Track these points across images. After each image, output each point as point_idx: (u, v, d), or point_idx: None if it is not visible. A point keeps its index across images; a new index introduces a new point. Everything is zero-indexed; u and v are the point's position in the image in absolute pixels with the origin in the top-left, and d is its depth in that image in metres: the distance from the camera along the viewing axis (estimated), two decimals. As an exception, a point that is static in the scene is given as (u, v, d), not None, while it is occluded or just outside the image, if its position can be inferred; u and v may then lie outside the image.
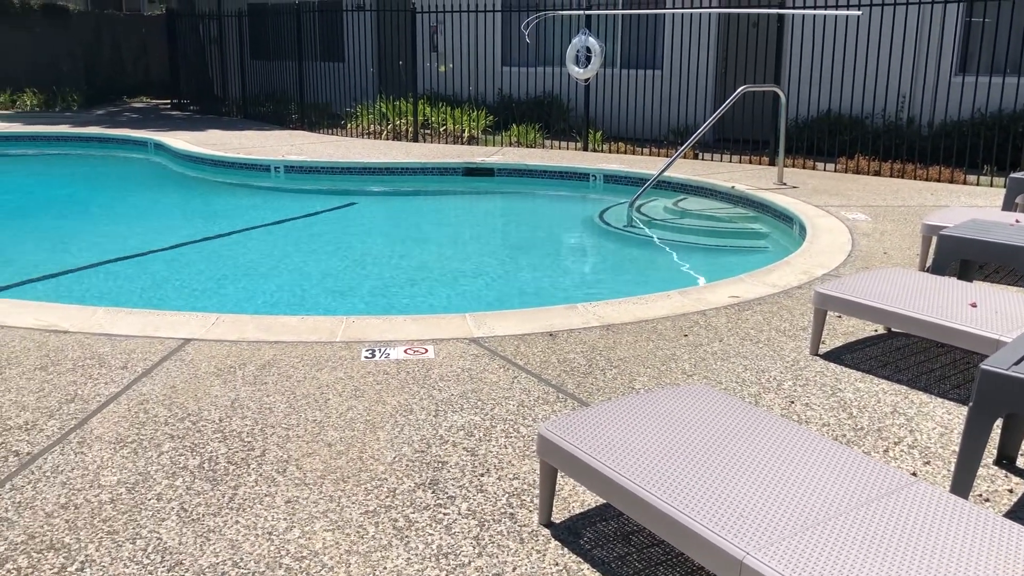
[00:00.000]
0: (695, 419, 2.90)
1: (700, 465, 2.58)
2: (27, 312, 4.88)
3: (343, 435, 3.53)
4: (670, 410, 2.96)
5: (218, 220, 9.41)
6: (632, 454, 2.67)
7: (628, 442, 2.74)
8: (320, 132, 15.05)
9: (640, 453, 2.67)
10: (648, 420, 2.88)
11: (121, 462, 3.28)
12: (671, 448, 2.69)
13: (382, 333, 4.67)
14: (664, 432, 2.79)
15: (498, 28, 15.67)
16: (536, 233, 8.90)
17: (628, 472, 2.57)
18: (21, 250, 7.90)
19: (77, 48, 20.64)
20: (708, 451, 2.66)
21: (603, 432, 2.81)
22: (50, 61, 20.03)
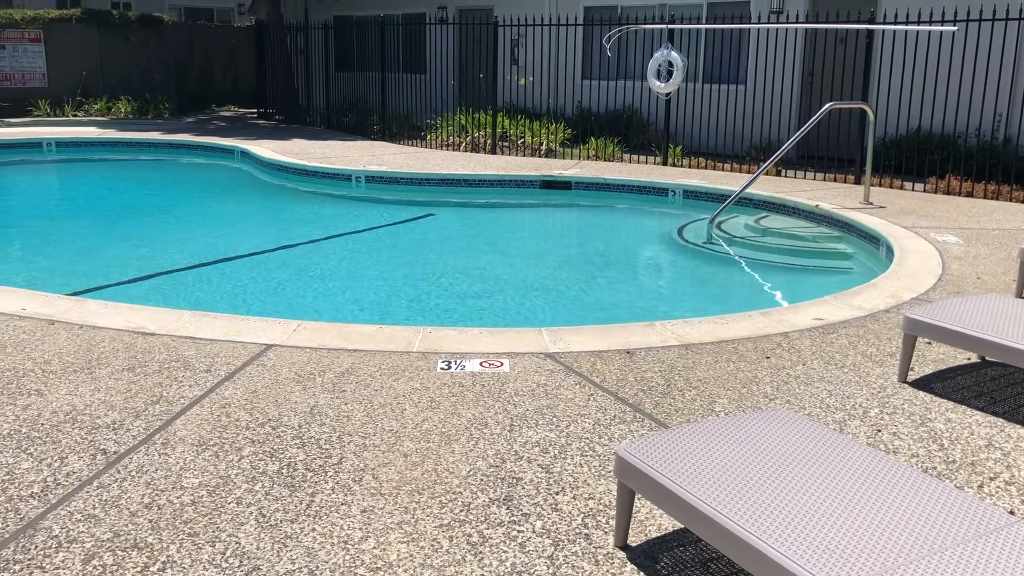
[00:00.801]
0: (779, 446, 2.81)
1: (785, 494, 2.50)
2: (117, 314, 5.04)
3: (419, 446, 3.53)
4: (753, 435, 2.88)
5: (300, 228, 9.60)
6: (714, 480, 2.60)
7: (709, 467, 2.67)
8: (400, 143, 15.25)
9: (722, 479, 2.60)
10: (730, 445, 2.81)
11: (203, 465, 3.34)
12: (754, 475, 2.61)
13: (458, 345, 4.67)
14: (747, 458, 2.72)
15: (579, 41, 15.66)
16: (613, 248, 8.83)
17: (709, 498, 2.50)
18: (113, 252, 8.17)
19: (170, 58, 21.36)
20: (793, 480, 2.58)
21: (684, 456, 2.74)
22: (144, 70, 20.77)
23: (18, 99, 18.87)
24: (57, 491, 3.12)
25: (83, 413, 3.76)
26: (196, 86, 22.11)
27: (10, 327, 4.82)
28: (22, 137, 14.65)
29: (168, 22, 21.72)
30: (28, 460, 3.33)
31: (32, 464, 3.30)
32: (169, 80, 21.22)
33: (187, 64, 21.98)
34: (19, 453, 3.39)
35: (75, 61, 19.76)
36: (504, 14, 15.83)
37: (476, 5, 17.78)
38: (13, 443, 3.47)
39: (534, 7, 16.47)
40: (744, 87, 13.60)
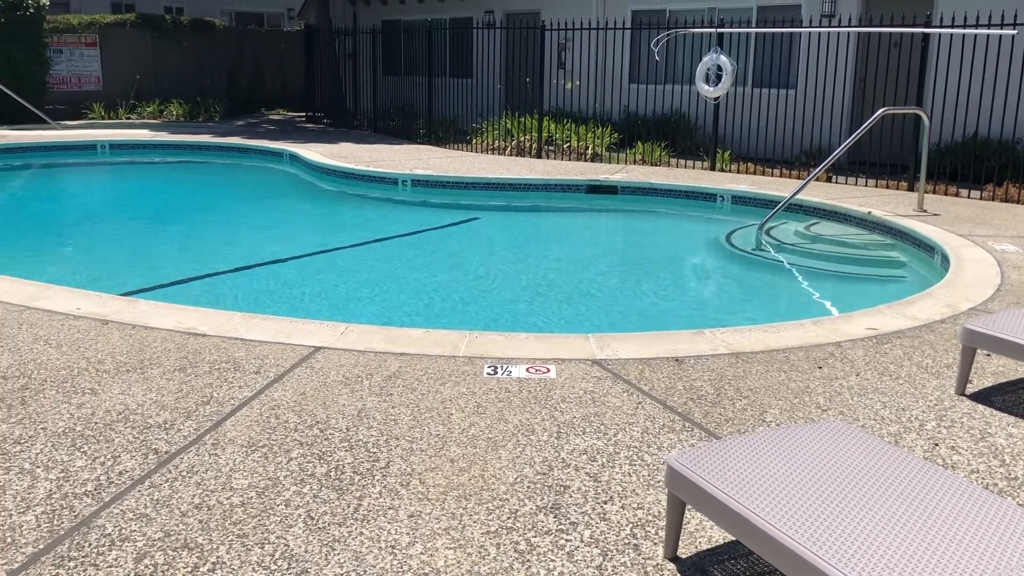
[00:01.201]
0: (834, 458, 2.75)
1: (841, 508, 2.43)
2: (169, 314, 5.10)
3: (465, 452, 3.52)
4: (807, 447, 2.82)
5: (347, 231, 9.67)
6: (767, 492, 2.54)
7: (763, 479, 2.62)
8: (446, 147, 15.30)
9: (776, 491, 2.54)
10: (784, 457, 2.75)
11: (252, 466, 3.36)
12: (809, 488, 2.55)
13: (504, 350, 4.66)
14: (801, 471, 2.65)
15: (626, 45, 15.59)
16: (660, 253, 8.76)
17: (763, 511, 2.45)
18: (164, 253, 8.31)
19: (221, 62, 21.71)
20: (849, 494, 2.51)
21: (736, 467, 2.69)
22: (196, 74, 21.12)
23: (74, 102, 19.31)
24: (110, 489, 3.16)
25: (135, 412, 3.81)
26: (246, 90, 22.42)
27: (65, 326, 4.92)
28: (78, 139, 14.98)
29: (219, 27, 22.07)
30: (82, 458, 3.38)
31: (86, 462, 3.35)
32: (220, 84, 21.55)
33: (237, 68, 22.31)
34: (74, 451, 3.44)
35: (129, 65, 20.17)
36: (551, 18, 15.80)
37: (523, 9, 17.79)
38: (68, 441, 3.52)
39: (581, 11, 16.43)
40: (794, 92, 13.42)
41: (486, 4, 18.50)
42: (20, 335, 4.76)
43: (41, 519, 2.96)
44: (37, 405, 3.87)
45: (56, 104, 18.69)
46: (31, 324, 4.94)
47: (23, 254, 8.22)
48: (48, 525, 2.92)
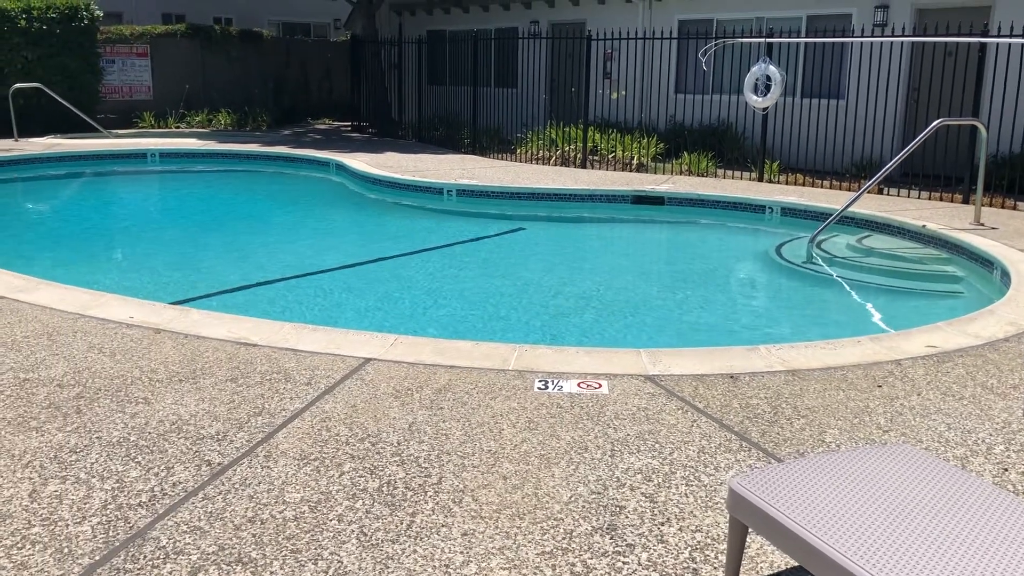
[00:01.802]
0: (903, 484, 2.64)
1: (912, 537, 2.34)
2: (220, 324, 5.13)
3: (518, 468, 3.47)
4: (875, 472, 2.72)
5: (393, 241, 9.69)
6: (835, 518, 2.45)
7: (830, 504, 2.53)
8: (490, 157, 15.31)
9: (844, 518, 2.45)
10: (852, 482, 2.65)
11: (304, 479, 3.34)
12: (879, 515, 2.46)
13: (554, 364, 4.60)
14: (870, 496, 2.56)
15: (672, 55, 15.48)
16: (709, 266, 8.64)
17: (831, 538, 2.36)
18: (213, 261, 8.39)
19: (268, 72, 21.98)
20: (920, 521, 2.42)
21: (801, 491, 2.60)
22: (244, 83, 21.41)
23: (125, 111, 19.67)
24: (164, 501, 3.16)
25: (188, 423, 3.82)
26: (292, 99, 22.67)
27: (119, 335, 4.96)
28: (129, 148, 15.24)
29: (267, 37, 22.36)
30: (136, 469, 3.39)
31: (140, 473, 3.36)
32: (267, 93, 21.82)
33: (284, 78, 22.56)
34: (128, 461, 3.45)
35: (179, 75, 20.50)
36: (597, 28, 15.76)
37: (568, 19, 17.77)
38: (122, 451, 3.54)
39: (627, 21, 16.36)
40: (844, 102, 13.21)
41: (531, 14, 18.51)
42: (75, 343, 4.81)
43: (97, 530, 2.96)
44: (92, 414, 3.89)
45: (108, 113, 19.05)
46: (85, 332, 4.99)
47: (76, 261, 8.35)
48: (104, 536, 2.92)
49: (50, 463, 3.42)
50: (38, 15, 17.23)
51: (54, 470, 3.37)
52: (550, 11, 18.17)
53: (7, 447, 3.55)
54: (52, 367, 4.45)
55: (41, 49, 17.30)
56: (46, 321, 5.18)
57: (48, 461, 3.44)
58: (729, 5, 15.09)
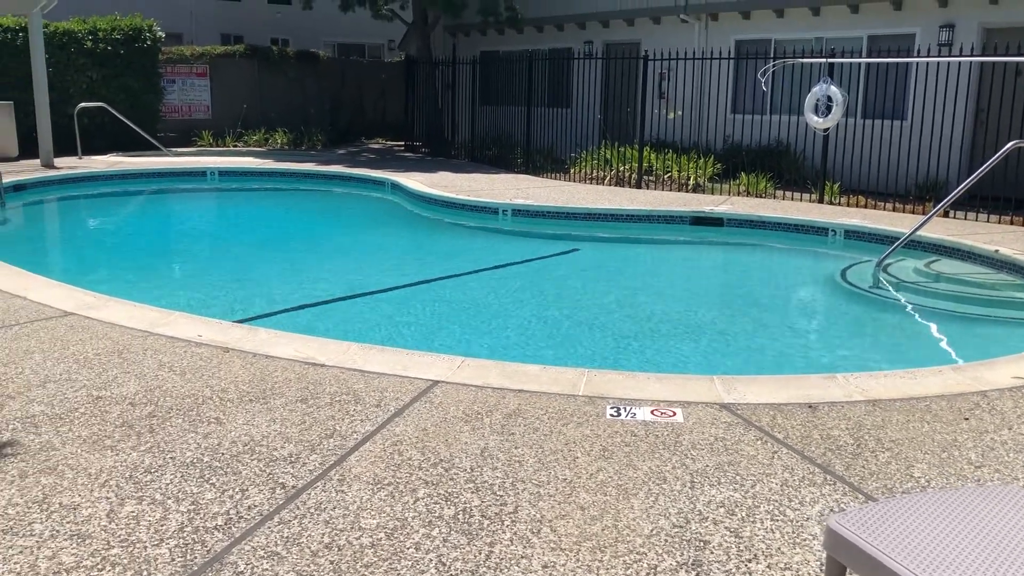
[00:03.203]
0: (1014, 528, 2.50)
1: (1034, 588, 2.20)
2: (288, 343, 5.13)
3: (595, 499, 3.38)
4: (984, 513, 2.58)
5: (449, 260, 9.67)
6: (943, 564, 2.32)
7: (937, 549, 2.40)
8: (543, 176, 15.28)
9: (953, 564, 2.32)
10: (957, 524, 2.52)
11: (379, 505, 3.29)
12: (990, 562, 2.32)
13: (625, 390, 4.51)
14: (980, 540, 2.42)
15: (728, 75, 15.34)
16: (772, 290, 8.48)
17: (944, 586, 2.23)
18: (274, 279, 8.44)
19: (324, 92, 22.28)
20: (1041, 571, 2.28)
21: (905, 533, 2.48)
22: (300, 103, 21.72)
23: (184, 130, 20.05)
24: (240, 524, 3.13)
25: (260, 444, 3.80)
26: (347, 119, 22.94)
27: (188, 353, 4.98)
28: (188, 166, 15.50)
29: (323, 58, 22.67)
30: (211, 491, 3.37)
31: (215, 495, 3.34)
32: (322, 113, 22.10)
33: (339, 98, 22.84)
34: (202, 483, 3.43)
35: (237, 95, 20.87)
36: (652, 48, 15.69)
37: (623, 39, 17.73)
38: (196, 472, 3.52)
39: (682, 41, 16.27)
40: (908, 123, 12.95)
41: (585, 35, 18.52)
42: (145, 361, 4.84)
43: (175, 553, 2.94)
44: (165, 433, 3.89)
45: (168, 132, 19.43)
46: (155, 350, 5.02)
47: (140, 278, 8.46)
48: (182, 559, 2.90)
49: (126, 483, 3.42)
50: (103, 36, 17.67)
51: (130, 490, 3.36)
52: (604, 31, 18.15)
53: (84, 465, 3.55)
54: (124, 385, 4.47)
55: (105, 69, 17.73)
56: (116, 338, 5.23)
57: (124, 481, 3.43)
58: (788, 25, 14.93)
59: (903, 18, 13.45)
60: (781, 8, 14.84)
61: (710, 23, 16.23)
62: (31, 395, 4.31)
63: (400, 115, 22.29)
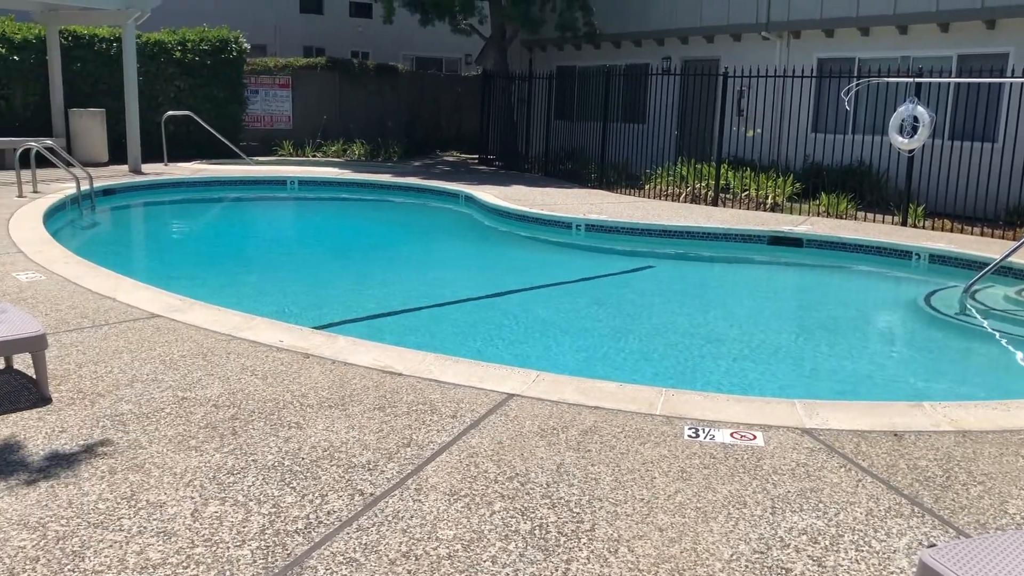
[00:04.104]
0: (1123, 572, 2.38)
1: None
2: (366, 352, 5.19)
3: (673, 520, 3.32)
4: (1089, 556, 2.46)
5: (523, 273, 9.69)
6: (1048, 607, 2.22)
7: (1040, 590, 2.29)
8: (617, 192, 15.21)
9: (1058, 607, 2.22)
10: (1061, 565, 2.41)
11: (456, 516, 3.29)
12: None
13: (704, 411, 4.43)
14: (1087, 585, 2.31)
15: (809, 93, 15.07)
16: (853, 313, 8.27)
17: (1048, 630, 2.13)
18: (351, 287, 8.56)
19: (401, 104, 22.60)
20: None
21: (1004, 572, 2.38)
22: (378, 115, 22.07)
23: (266, 139, 20.54)
24: (319, 529, 3.16)
25: (339, 450, 3.84)
26: (423, 131, 23.22)
27: (270, 358, 5.08)
28: (269, 175, 15.87)
29: (402, 71, 23.02)
30: (292, 495, 3.42)
31: (295, 499, 3.38)
32: (399, 125, 22.42)
33: (416, 110, 23.15)
34: (283, 486, 3.48)
35: (317, 106, 21.30)
36: (731, 64, 15.52)
37: (702, 56, 17.58)
38: (277, 475, 3.58)
39: (762, 58, 16.06)
40: (998, 145, 12.53)
41: (663, 51, 18.42)
42: (228, 364, 4.94)
43: (256, 555, 2.98)
44: (247, 436, 3.97)
45: (250, 141, 19.93)
46: (238, 354, 5.13)
47: (222, 282, 8.68)
48: (263, 562, 2.94)
49: (209, 483, 3.49)
50: (192, 47, 18.24)
51: (213, 491, 3.43)
52: (683, 47, 18.03)
53: (169, 465, 3.64)
54: (208, 387, 4.57)
55: (192, 79, 18.28)
56: (200, 341, 5.36)
57: (208, 481, 3.50)
58: (873, 44, 14.62)
59: (996, 37, 13.05)
60: (866, 26, 14.54)
61: (792, 41, 15.98)
62: (120, 394, 4.44)
63: (474, 128, 22.48)
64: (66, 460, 3.65)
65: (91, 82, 17.08)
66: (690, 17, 17.55)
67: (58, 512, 3.21)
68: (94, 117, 16.28)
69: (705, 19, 17.26)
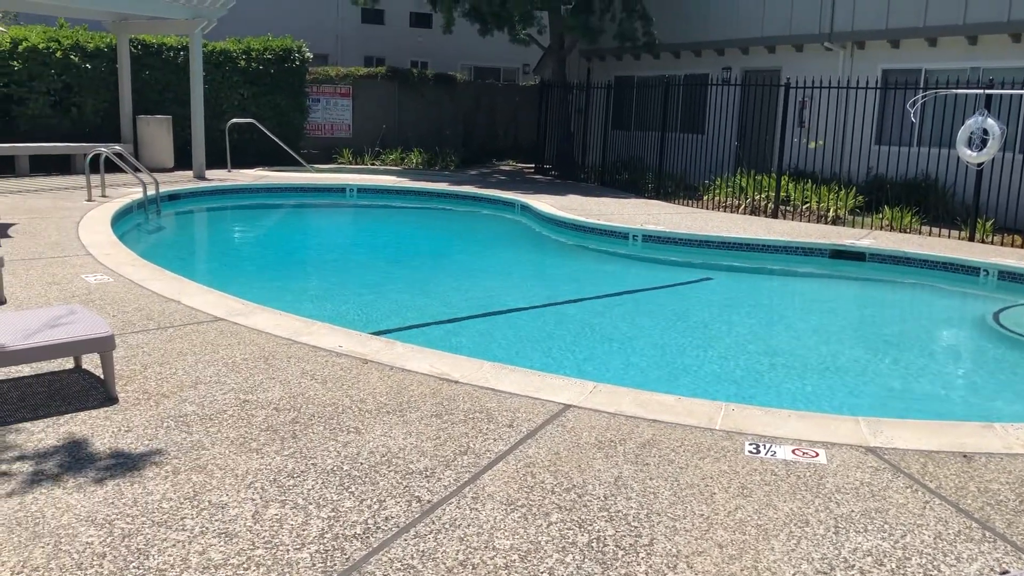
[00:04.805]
0: None
1: None
2: (423, 358, 5.21)
3: (734, 537, 3.27)
4: None
5: (578, 283, 9.65)
6: None
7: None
8: (675, 202, 15.09)
9: None
10: None
11: (512, 526, 3.28)
12: None
13: (764, 427, 4.36)
14: None
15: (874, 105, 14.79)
16: (918, 330, 8.07)
17: None
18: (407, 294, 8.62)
19: (459, 113, 22.74)
20: None
21: (1085, 603, 2.28)
22: (435, 124, 22.25)
23: (326, 148, 20.84)
24: (377, 535, 3.18)
25: (397, 456, 3.86)
26: (479, 140, 23.34)
27: (329, 363, 5.13)
28: (329, 182, 16.08)
29: (460, 80, 23.16)
30: (350, 499, 3.44)
31: (354, 504, 3.41)
32: (456, 134, 22.57)
33: (473, 120, 23.28)
34: (342, 491, 3.51)
35: (376, 114, 21.55)
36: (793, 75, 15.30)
37: (763, 66, 17.38)
38: (336, 480, 3.61)
39: (825, 68, 15.81)
40: (1072, 159, 12.14)
41: (724, 61, 18.25)
42: (289, 368, 5.01)
43: (315, 558, 3.01)
44: (307, 440, 4.01)
45: (310, 149, 20.23)
46: (298, 358, 5.20)
47: (282, 287, 8.81)
48: (322, 565, 2.96)
49: (270, 486, 3.53)
50: (256, 56, 18.59)
51: (274, 493, 3.47)
52: (744, 58, 17.85)
53: (231, 466, 3.69)
54: (269, 390, 4.64)
55: (256, 87, 18.63)
56: (262, 345, 5.44)
57: (268, 483, 3.55)
58: (941, 55, 14.29)
59: (1070, 48, 12.66)
60: (934, 37, 14.22)
61: (856, 51, 15.71)
62: (183, 395, 4.52)
63: (530, 138, 22.51)
64: (131, 459, 3.73)
65: (159, 89, 17.51)
66: (751, 27, 17.36)
67: (124, 510, 3.28)
68: (161, 124, 16.70)
69: (767, 29, 17.06)
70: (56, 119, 16.42)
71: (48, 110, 16.26)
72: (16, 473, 3.56)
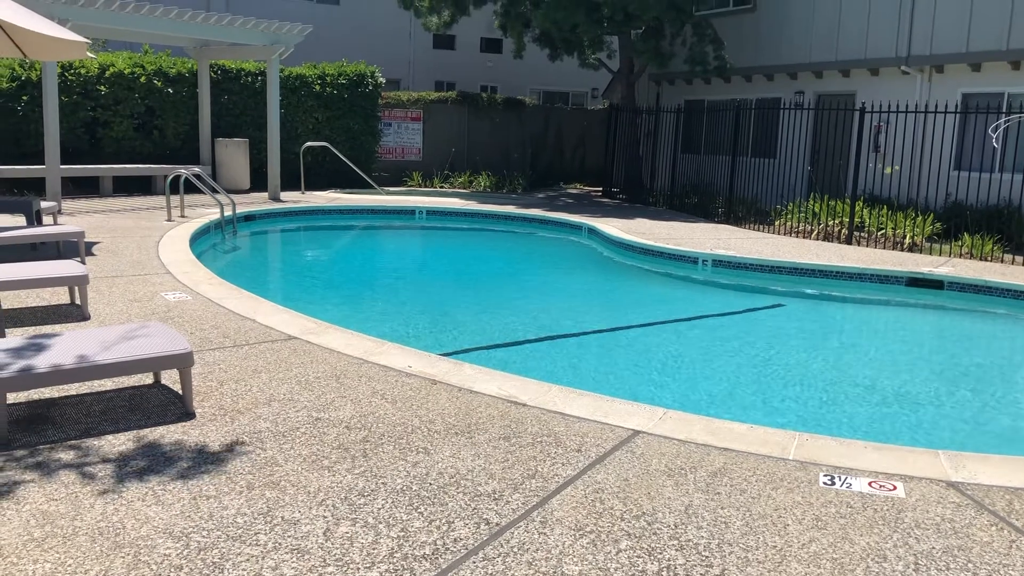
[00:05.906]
0: None
1: None
2: (491, 380, 5.23)
3: (808, 570, 3.18)
4: None
5: (646, 308, 9.58)
6: None
7: None
8: (745, 227, 14.90)
9: None
10: None
11: (581, 552, 3.25)
12: None
13: (840, 458, 4.25)
14: None
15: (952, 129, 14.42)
16: (1001, 362, 7.79)
17: None
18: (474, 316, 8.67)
19: (526, 137, 22.89)
20: None
21: None
22: (504, 147, 22.42)
23: (396, 170, 21.16)
24: (446, 556, 3.19)
25: (465, 478, 3.87)
26: (547, 164, 23.43)
27: (399, 383, 5.18)
28: (400, 204, 16.33)
29: (528, 104, 23.32)
30: (419, 519, 3.46)
31: (423, 524, 3.42)
32: (524, 158, 22.70)
33: (541, 143, 23.39)
34: (411, 511, 3.53)
35: (446, 138, 21.82)
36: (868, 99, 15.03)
37: (837, 90, 17.12)
38: (405, 499, 3.63)
39: (902, 92, 15.49)
40: None
41: (796, 85, 18.03)
42: (360, 387, 5.07)
43: (385, 577, 3.03)
44: (377, 459, 4.05)
45: (381, 172, 20.57)
46: (369, 378, 5.26)
47: (353, 307, 8.94)
48: (392, 585, 2.98)
49: (341, 503, 3.57)
50: (330, 81, 19.03)
51: (345, 511, 3.51)
52: (817, 82, 17.60)
53: (303, 483, 3.75)
54: (340, 409, 4.70)
55: (330, 111, 19.05)
56: (334, 364, 5.53)
57: (339, 501, 3.59)
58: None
59: None
60: (1017, 60, 13.83)
61: (934, 75, 15.36)
62: (258, 412, 4.62)
63: (598, 161, 22.52)
64: (207, 474, 3.81)
65: (236, 113, 18.04)
66: (825, 51, 17.13)
67: (200, 523, 3.35)
68: (238, 147, 17.18)
69: (841, 53, 16.81)
70: (139, 141, 17.02)
71: (132, 133, 16.88)
72: (99, 483, 3.67)
